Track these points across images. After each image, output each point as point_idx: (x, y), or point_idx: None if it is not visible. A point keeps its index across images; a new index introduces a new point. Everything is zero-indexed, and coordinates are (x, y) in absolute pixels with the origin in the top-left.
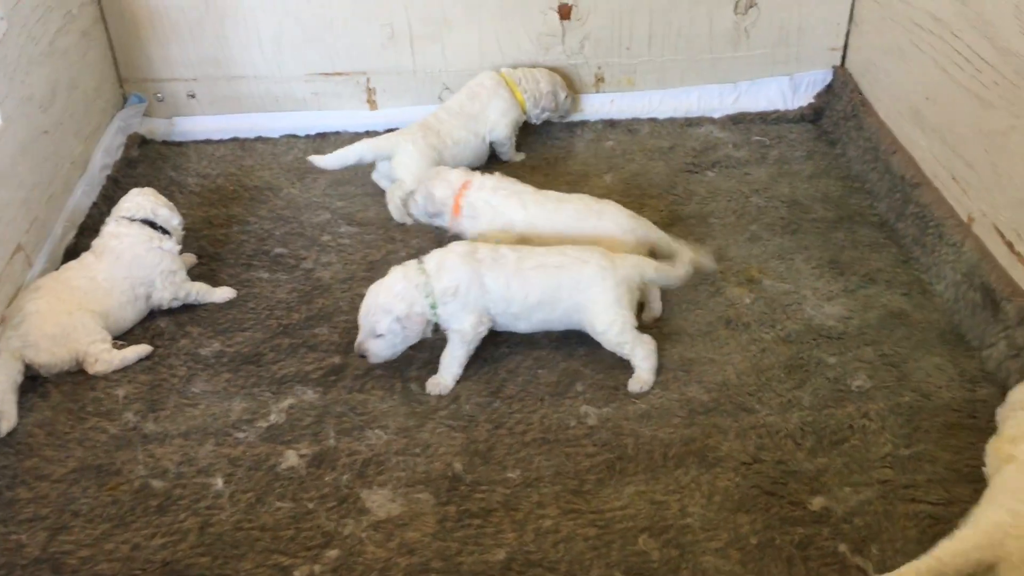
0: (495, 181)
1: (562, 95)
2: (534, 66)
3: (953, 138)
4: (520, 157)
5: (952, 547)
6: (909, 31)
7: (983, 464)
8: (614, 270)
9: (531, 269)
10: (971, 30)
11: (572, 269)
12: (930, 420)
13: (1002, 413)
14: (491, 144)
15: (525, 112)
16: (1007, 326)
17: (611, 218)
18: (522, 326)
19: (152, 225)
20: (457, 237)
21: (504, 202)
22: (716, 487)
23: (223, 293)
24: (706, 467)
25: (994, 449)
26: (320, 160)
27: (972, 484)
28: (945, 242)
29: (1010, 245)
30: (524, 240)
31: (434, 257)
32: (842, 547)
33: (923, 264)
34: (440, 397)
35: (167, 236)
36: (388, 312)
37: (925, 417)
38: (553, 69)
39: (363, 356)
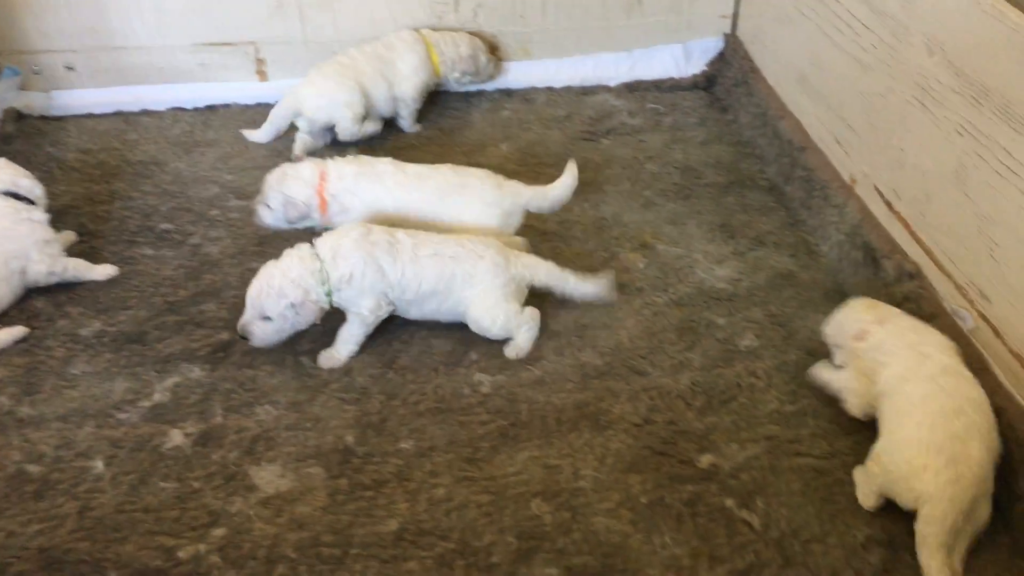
0: (353, 166)
1: (483, 59)
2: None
3: (836, 102)
4: (417, 128)
5: (938, 519)
6: None
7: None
8: (507, 267)
9: (426, 257)
10: None
11: (467, 262)
12: None
13: (833, 337)
14: (395, 102)
15: (439, 75)
16: (887, 283)
17: (475, 192)
18: (414, 312)
19: (16, 197)
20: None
21: (368, 187)
22: (608, 449)
23: (103, 270)
24: (599, 430)
25: (855, 390)
26: (253, 135)
27: (853, 436)
28: (830, 204)
29: (889, 204)
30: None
31: (328, 242)
32: (729, 502)
33: (809, 226)
34: (332, 371)
35: (33, 206)
36: (282, 297)
37: None
38: None
39: (245, 337)
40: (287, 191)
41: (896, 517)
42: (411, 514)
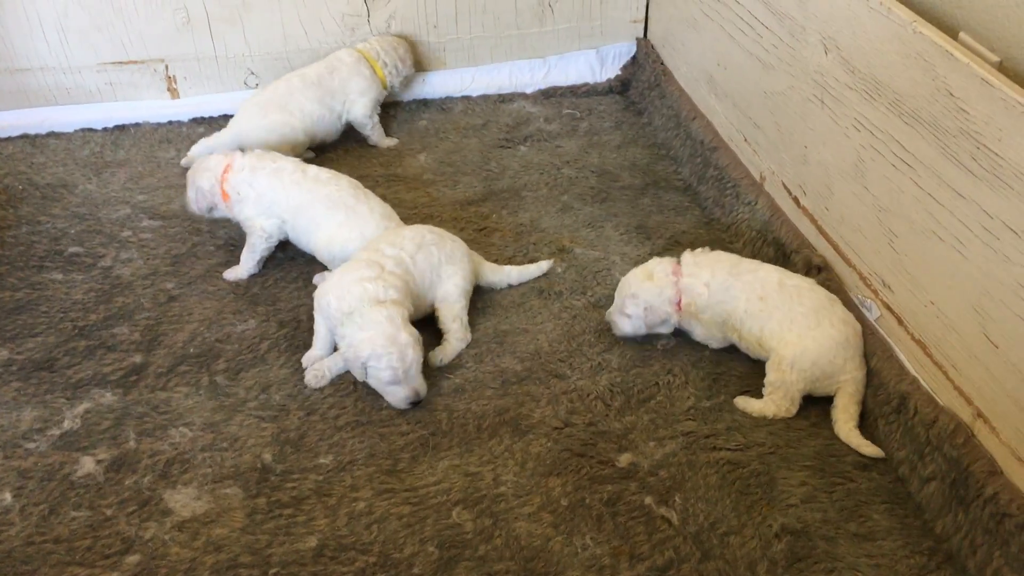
0: (254, 160)
1: (409, 60)
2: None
3: (743, 101)
4: (391, 142)
5: (855, 396)
6: (700, 0)
7: None
8: (472, 257)
9: (419, 254)
10: None
11: (445, 244)
12: (729, 371)
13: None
14: (350, 124)
15: (386, 88)
16: None
17: (359, 218)
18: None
19: None
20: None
21: (265, 182)
22: (529, 454)
23: None
24: (519, 435)
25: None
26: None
27: (767, 427)
28: (741, 201)
29: (796, 200)
30: None
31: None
32: (648, 500)
33: (723, 224)
34: (248, 389)
35: None
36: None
37: (724, 369)
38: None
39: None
40: (198, 182)
41: (810, 507)
42: (331, 530)
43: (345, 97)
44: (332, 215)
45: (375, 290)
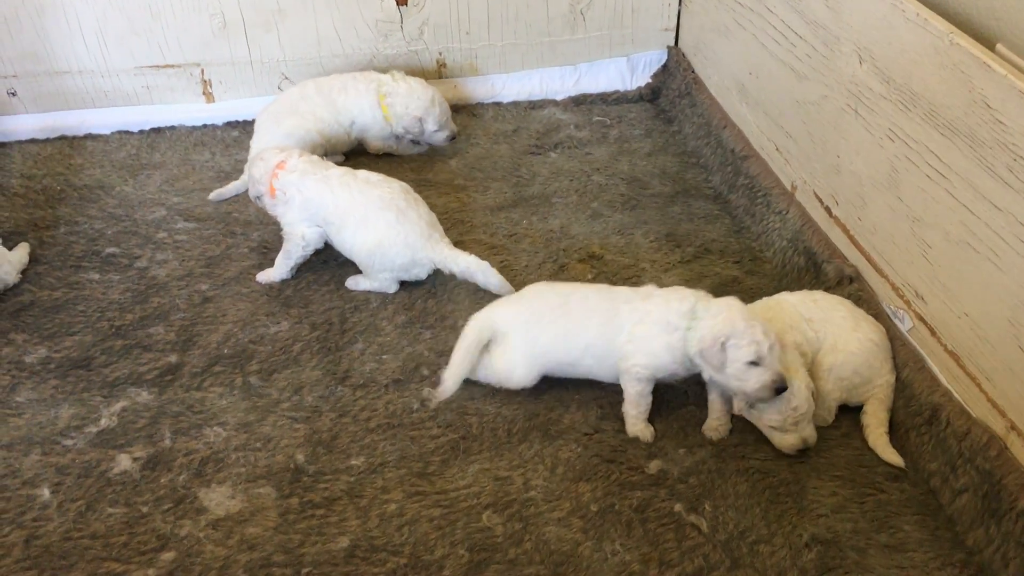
0: (306, 164)
1: (431, 127)
2: (376, 57)
3: (774, 110)
4: (414, 150)
5: (887, 400)
6: (732, 9)
7: None
8: None
9: None
10: (783, 5)
11: None
12: None
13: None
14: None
15: (391, 124)
16: (828, 287)
17: (412, 219)
18: None
19: None
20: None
21: (314, 187)
22: (559, 459)
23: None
24: (549, 440)
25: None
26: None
27: None
28: (772, 211)
29: (828, 210)
30: None
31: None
32: (677, 507)
33: (753, 233)
34: (281, 390)
35: None
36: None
37: None
38: (393, 57)
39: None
40: (252, 169)
41: (841, 517)
42: (362, 530)
43: (351, 120)
44: (383, 215)
45: (690, 291)
